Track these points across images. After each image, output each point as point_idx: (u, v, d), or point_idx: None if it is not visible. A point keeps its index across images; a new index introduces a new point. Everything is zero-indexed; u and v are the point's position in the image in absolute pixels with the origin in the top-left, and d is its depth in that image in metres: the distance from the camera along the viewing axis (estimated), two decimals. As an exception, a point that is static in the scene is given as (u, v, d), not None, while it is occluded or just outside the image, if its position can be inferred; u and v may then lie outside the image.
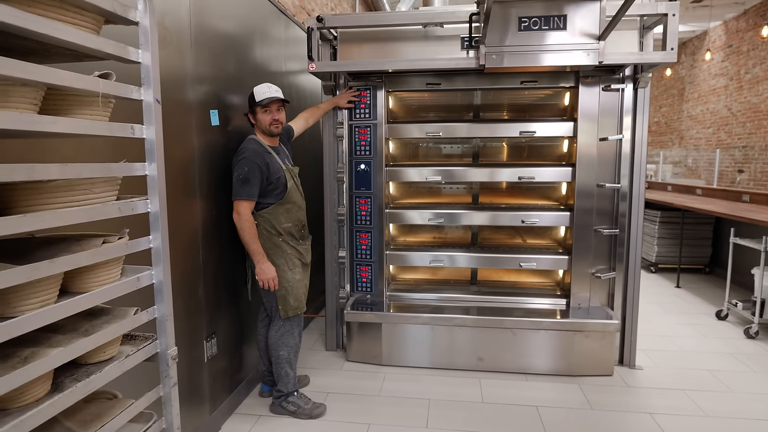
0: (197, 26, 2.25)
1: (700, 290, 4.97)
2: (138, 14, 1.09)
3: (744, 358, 3.32)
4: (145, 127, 1.13)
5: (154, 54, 1.11)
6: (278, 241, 2.55)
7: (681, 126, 10.98)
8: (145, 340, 1.23)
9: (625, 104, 3.06)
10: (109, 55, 1.04)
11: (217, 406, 2.52)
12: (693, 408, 2.68)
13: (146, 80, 1.12)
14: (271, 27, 3.20)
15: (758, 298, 3.68)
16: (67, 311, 0.96)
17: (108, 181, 1.08)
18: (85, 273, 1.09)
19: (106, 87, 1.01)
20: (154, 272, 1.21)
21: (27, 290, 0.92)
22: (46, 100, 0.99)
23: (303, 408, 2.61)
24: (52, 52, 1.02)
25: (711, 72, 9.74)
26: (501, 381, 3.02)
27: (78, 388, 0.99)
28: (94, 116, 1.05)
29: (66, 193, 0.99)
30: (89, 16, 1.01)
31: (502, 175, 3.34)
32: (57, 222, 0.92)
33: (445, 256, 3.37)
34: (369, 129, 3.27)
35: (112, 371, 1.09)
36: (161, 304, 1.22)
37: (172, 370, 1.23)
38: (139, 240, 1.16)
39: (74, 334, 1.04)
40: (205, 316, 2.38)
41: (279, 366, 2.63)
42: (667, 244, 5.60)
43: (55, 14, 0.92)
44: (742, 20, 8.74)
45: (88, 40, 0.97)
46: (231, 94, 2.64)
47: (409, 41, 3.09)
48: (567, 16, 2.65)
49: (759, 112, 8.22)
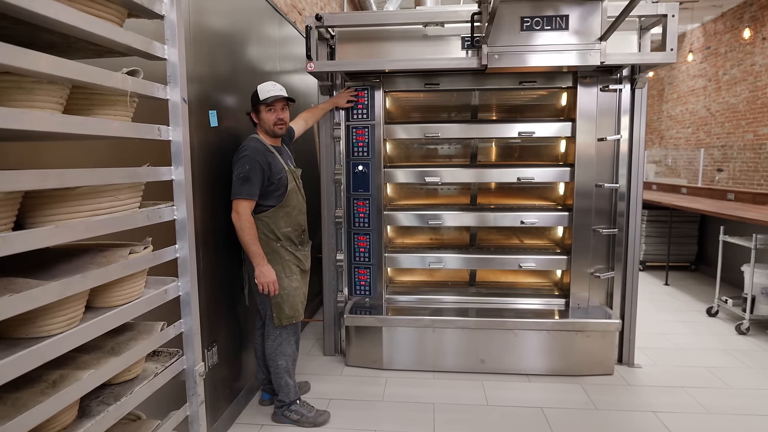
0: (196, 24, 2.17)
1: (688, 287, 5.06)
2: (164, 7, 1.02)
3: (738, 354, 3.38)
4: (172, 129, 1.05)
5: (181, 50, 1.04)
6: (276, 246, 2.45)
7: (661, 126, 11.21)
8: (170, 356, 1.15)
9: (622, 104, 3.08)
10: (135, 51, 0.97)
11: (218, 416, 2.44)
12: (695, 405, 2.71)
13: (173, 78, 1.04)
14: (266, 26, 3.13)
15: (749, 294, 3.75)
16: (98, 330, 0.88)
17: (133, 187, 1.01)
18: (110, 286, 1.00)
19: (134, 85, 0.94)
20: (181, 283, 1.14)
21: (54, 308, 0.84)
22: (69, 100, 0.90)
23: (306, 416, 2.54)
24: (74, 47, 0.94)
25: (690, 73, 9.96)
26: (504, 383, 3.00)
27: (110, 413, 0.90)
28: (118, 116, 0.97)
29: (92, 201, 0.91)
30: (113, 8, 0.93)
31: (500, 176, 3.33)
32: (89, 233, 0.84)
33: (444, 257, 3.34)
34: (367, 130, 3.22)
35: (142, 392, 1.01)
36: (188, 317, 1.14)
37: (200, 388, 1.15)
38: (165, 250, 1.08)
39: (100, 353, 0.96)
40: (205, 324, 2.30)
41: (278, 376, 2.54)
42: (654, 243, 5.69)
43: (79, 4, 0.85)
44: (719, 22, 8.95)
45: (116, 34, 0.89)
46: (229, 95, 2.56)
47: (407, 41, 3.05)
48: (569, 17, 2.65)
49: (737, 112, 8.43)
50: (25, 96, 0.78)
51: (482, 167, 3.36)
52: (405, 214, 3.34)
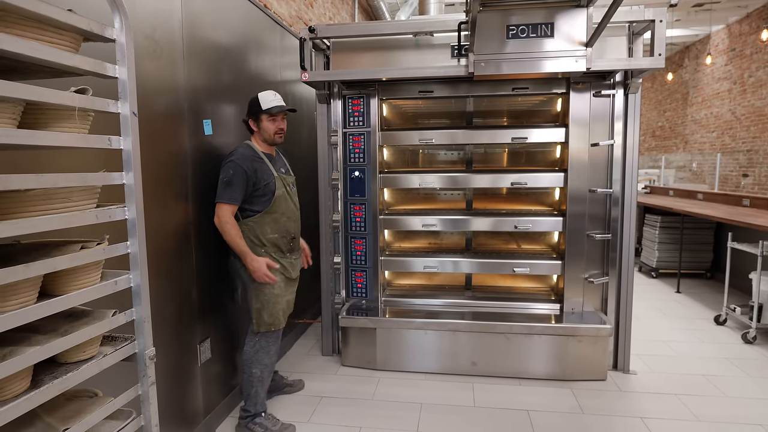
0: (189, 38, 2.32)
1: (700, 295, 4.94)
2: (114, 32, 1.15)
3: (740, 363, 3.31)
4: (122, 139, 1.18)
5: (131, 69, 1.17)
6: (261, 251, 2.45)
7: (685, 130, 10.93)
8: (124, 341, 1.28)
9: (616, 110, 3.08)
10: (87, 72, 1.10)
11: (210, 409, 2.56)
12: (685, 412, 2.68)
13: (123, 94, 1.17)
14: (266, 37, 3.27)
15: (756, 302, 3.66)
16: (43, 312, 1.01)
17: (87, 190, 1.14)
18: (65, 277, 1.14)
19: (82, 101, 1.07)
20: (132, 276, 1.26)
21: (6, 292, 0.98)
22: (27, 115, 1.05)
23: (271, 429, 2.48)
24: (32, 69, 1.08)
25: (714, 76, 9.71)
26: (494, 386, 3.03)
27: (54, 385, 1.04)
28: (73, 129, 1.11)
29: (45, 202, 1.04)
30: (67, 35, 1.07)
31: (495, 181, 3.36)
32: (33, 228, 0.98)
33: (440, 261, 3.41)
34: (363, 137, 3.32)
35: (90, 369, 1.14)
36: (139, 306, 1.27)
37: (150, 370, 1.27)
38: (116, 245, 1.21)
39: (53, 335, 1.09)
40: (199, 320, 2.43)
41: (249, 384, 2.51)
42: (667, 249, 5.58)
43: (33, 34, 0.98)
44: (745, 24, 8.71)
45: (64, 58, 1.03)
46: (225, 104, 2.70)
47: (402, 50, 3.15)
48: (554, 24, 2.69)
49: (763, 115, 8.18)
50: (-21, 113, 0.91)
51: (477, 173, 3.40)
52: (401, 218, 3.42)
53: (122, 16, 1.15)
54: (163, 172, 2.14)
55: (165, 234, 2.16)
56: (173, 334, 2.24)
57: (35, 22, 1.00)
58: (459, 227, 3.41)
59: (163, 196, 2.14)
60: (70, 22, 1.04)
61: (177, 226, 2.25)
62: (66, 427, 1.06)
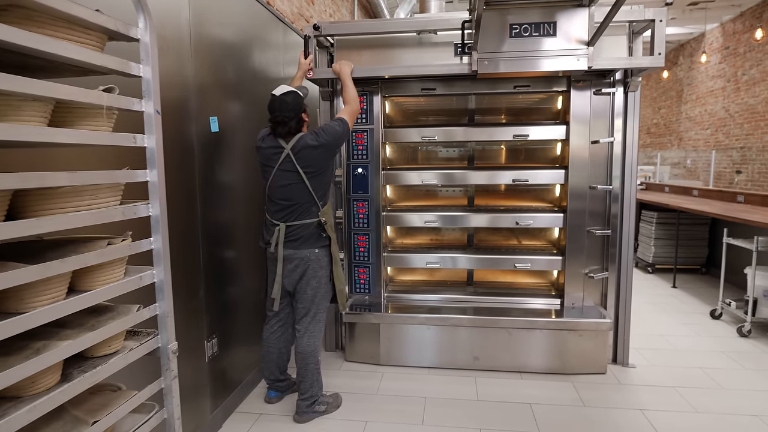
0: (197, 35, 2.33)
1: (696, 290, 5.02)
2: (139, 32, 1.18)
3: (736, 356, 3.38)
4: (146, 137, 1.21)
5: (155, 68, 1.19)
6: (334, 237, 2.62)
7: (680, 127, 11.04)
8: (147, 335, 1.31)
9: (616, 107, 3.13)
10: (113, 71, 1.12)
11: (218, 404, 2.59)
12: (684, 404, 2.74)
13: (147, 93, 1.20)
14: (269, 34, 3.28)
15: (750, 297, 3.73)
16: (74, 307, 1.04)
17: (112, 187, 1.16)
18: (91, 273, 1.16)
19: (110, 100, 1.09)
20: (156, 272, 1.29)
21: (39, 288, 1.00)
22: (56, 113, 1.07)
23: (331, 403, 2.70)
24: (61, 68, 1.10)
25: (709, 74, 9.80)
26: (496, 379, 3.08)
27: (85, 378, 1.06)
28: (99, 127, 1.13)
29: (73, 199, 1.07)
30: (94, 35, 1.09)
31: (496, 178, 3.40)
32: (66, 225, 1.00)
33: (442, 257, 3.44)
34: (366, 134, 3.34)
35: (117, 363, 1.16)
36: (162, 301, 1.29)
37: (173, 364, 1.30)
38: (141, 242, 1.24)
39: (82, 329, 1.11)
40: (206, 316, 2.46)
41: (313, 373, 2.58)
42: (663, 245, 5.65)
43: (62, 34, 1.01)
44: (738, 22, 8.80)
45: (92, 57, 1.05)
46: (230, 101, 2.72)
47: (405, 48, 3.17)
48: (556, 23, 2.72)
49: (756, 113, 8.28)
50: (14, 112, 0.93)
51: (478, 170, 3.44)
52: (403, 215, 3.45)
53: (146, 16, 1.17)
54: (171, 170, 2.15)
55: (173, 231, 2.17)
56: (181, 331, 2.24)
57: (65, 22, 1.02)
58: (461, 224, 3.44)
59: (171, 194, 2.14)
60: (98, 22, 1.06)
61: (185, 224, 2.27)
62: (95, 419, 1.09)
